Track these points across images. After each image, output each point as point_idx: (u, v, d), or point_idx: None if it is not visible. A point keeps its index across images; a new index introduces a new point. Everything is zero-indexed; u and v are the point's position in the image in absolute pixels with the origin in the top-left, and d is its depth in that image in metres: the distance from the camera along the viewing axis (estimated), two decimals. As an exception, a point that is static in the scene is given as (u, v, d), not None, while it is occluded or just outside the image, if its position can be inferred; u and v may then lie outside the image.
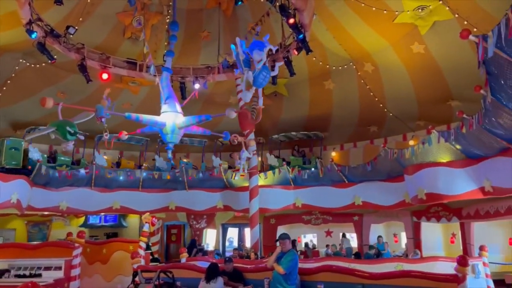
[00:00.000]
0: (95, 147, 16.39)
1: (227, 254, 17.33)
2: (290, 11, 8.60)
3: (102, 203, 14.80)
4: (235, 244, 19.41)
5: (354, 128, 16.25)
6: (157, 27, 13.15)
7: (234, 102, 15.91)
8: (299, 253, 13.02)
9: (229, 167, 16.34)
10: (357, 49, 12.79)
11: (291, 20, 8.65)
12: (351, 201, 13.83)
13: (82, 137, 7.60)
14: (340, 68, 13.84)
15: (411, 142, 14.21)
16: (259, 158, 16.93)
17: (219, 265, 7.25)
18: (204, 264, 8.88)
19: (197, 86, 12.04)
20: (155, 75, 10.44)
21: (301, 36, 9.12)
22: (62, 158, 15.58)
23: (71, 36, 10.73)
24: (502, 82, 5.53)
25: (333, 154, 17.13)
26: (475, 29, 9.21)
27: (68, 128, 6.50)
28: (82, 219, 17.92)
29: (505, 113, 6.66)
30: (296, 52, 10.21)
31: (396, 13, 10.38)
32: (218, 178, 15.66)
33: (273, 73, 6.84)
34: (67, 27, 10.38)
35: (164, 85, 9.36)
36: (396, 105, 14.20)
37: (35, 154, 14.17)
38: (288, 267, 5.85)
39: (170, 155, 9.69)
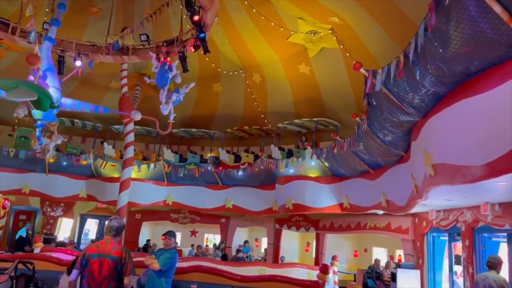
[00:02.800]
0: (107, 137, 15.88)
1: (82, 247, 16.15)
2: (195, 7, 8.48)
3: None
4: (91, 236, 18.21)
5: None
6: (39, -10, 11.74)
7: (115, 87, 15.02)
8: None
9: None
10: (249, 58, 13.23)
11: (196, 17, 8.54)
12: (222, 203, 14.17)
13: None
14: (230, 73, 14.11)
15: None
16: (262, 153, 14.63)
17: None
18: (63, 256, 8.20)
19: (78, 63, 11.06)
20: (33, 43, 9.33)
21: (202, 35, 9.06)
22: (72, 149, 15.36)
23: None
24: (379, 114, 6.27)
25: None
26: (353, 62, 10.30)
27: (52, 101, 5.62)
28: None
29: (373, 141, 7.57)
30: (193, 50, 10.08)
31: (292, 32, 11.04)
32: (85, 165, 14.57)
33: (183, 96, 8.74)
34: None
35: (44, 55, 8.40)
36: (275, 117, 14.95)
37: (44, 142, 13.35)
38: (164, 264, 5.71)
39: (39, 133, 8.74)
